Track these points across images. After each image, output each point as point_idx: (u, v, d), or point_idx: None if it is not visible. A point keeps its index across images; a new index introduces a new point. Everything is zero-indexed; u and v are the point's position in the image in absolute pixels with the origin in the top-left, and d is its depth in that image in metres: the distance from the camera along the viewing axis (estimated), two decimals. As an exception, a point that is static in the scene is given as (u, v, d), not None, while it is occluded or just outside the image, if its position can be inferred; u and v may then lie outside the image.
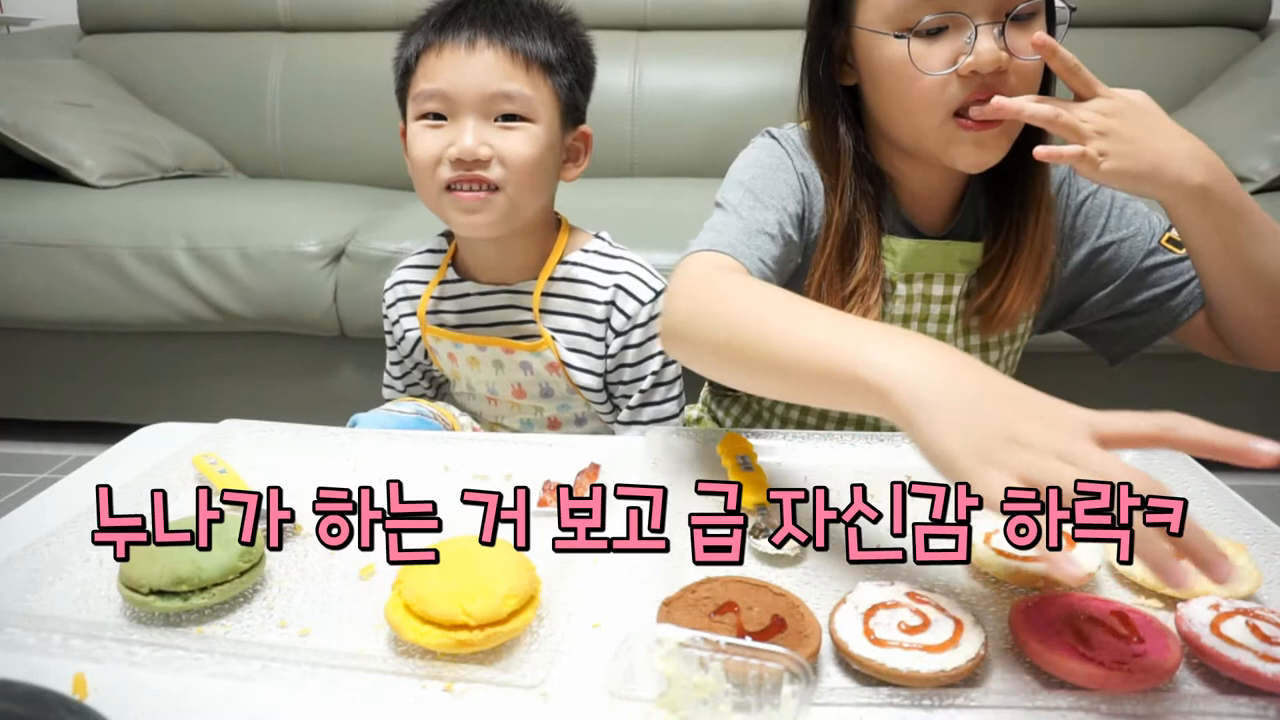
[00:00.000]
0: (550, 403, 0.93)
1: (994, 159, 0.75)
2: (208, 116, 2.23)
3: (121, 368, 1.79)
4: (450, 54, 0.80)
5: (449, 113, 0.81)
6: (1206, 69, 2.05)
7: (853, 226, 0.80)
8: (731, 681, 0.43)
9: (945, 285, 0.84)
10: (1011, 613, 0.50)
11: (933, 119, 0.73)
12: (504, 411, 0.95)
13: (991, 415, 0.47)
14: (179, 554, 0.52)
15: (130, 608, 0.53)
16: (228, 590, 0.53)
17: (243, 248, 1.66)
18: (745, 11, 2.21)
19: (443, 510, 0.65)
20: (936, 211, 0.85)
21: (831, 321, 0.60)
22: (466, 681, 0.47)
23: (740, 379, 0.66)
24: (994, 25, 0.70)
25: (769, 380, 0.63)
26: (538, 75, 0.82)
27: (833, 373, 0.55)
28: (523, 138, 0.82)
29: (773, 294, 0.66)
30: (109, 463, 0.74)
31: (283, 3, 2.28)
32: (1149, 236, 0.86)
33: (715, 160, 2.21)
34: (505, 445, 0.77)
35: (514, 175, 0.82)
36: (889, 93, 0.76)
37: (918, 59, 0.71)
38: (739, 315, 0.64)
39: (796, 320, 0.61)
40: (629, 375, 0.92)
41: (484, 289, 0.92)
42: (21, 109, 1.86)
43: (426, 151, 0.82)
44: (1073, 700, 0.45)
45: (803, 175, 0.83)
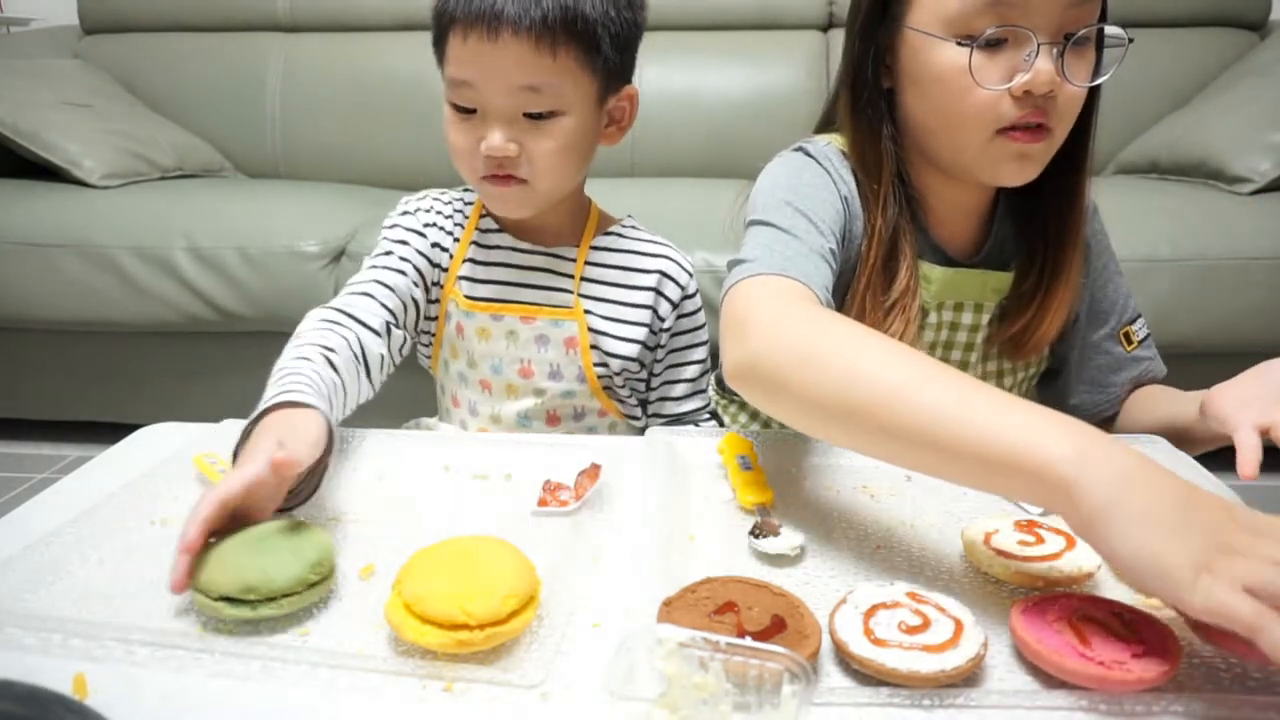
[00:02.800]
0: (555, 387, 0.90)
1: (1036, 172, 0.74)
2: (208, 116, 2.23)
3: (121, 368, 1.79)
4: (475, 44, 0.76)
5: (477, 105, 0.79)
6: (1206, 69, 2.06)
7: (895, 235, 0.78)
8: (731, 681, 0.43)
9: (975, 314, 0.84)
10: (1011, 613, 0.50)
11: (980, 135, 0.71)
12: (499, 401, 0.91)
13: (1204, 525, 0.45)
14: (250, 561, 0.51)
15: (132, 608, 0.53)
16: (296, 602, 0.52)
17: (243, 248, 1.66)
18: (745, 11, 2.21)
19: (443, 510, 0.66)
20: (964, 236, 0.84)
21: (990, 398, 0.53)
22: (466, 681, 0.47)
23: (853, 441, 0.59)
24: (1054, 46, 0.68)
25: (906, 451, 0.56)
26: (569, 58, 0.77)
27: (1007, 461, 0.50)
28: (553, 133, 0.80)
29: (893, 348, 0.59)
30: (109, 463, 0.74)
31: (283, 3, 2.28)
32: (1113, 320, 0.89)
33: (715, 160, 2.23)
34: (505, 445, 0.78)
35: (543, 170, 0.81)
36: (935, 102, 0.73)
37: (975, 70, 0.69)
38: (860, 373, 0.57)
39: (944, 390, 0.54)
40: (684, 342, 0.92)
41: (522, 246, 0.90)
42: (21, 109, 1.86)
43: (460, 143, 0.81)
44: (1073, 700, 0.45)
45: (845, 198, 0.79)
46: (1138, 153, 1.96)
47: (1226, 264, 1.54)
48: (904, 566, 0.59)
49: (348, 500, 0.67)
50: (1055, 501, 0.49)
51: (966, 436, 0.52)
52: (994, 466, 0.51)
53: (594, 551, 0.59)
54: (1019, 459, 0.49)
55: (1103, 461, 0.47)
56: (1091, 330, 0.89)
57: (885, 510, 0.67)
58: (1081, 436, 0.49)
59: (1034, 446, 0.49)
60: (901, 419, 0.54)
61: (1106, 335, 0.89)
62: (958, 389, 0.54)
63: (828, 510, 0.67)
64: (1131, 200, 1.65)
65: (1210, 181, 1.73)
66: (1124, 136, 2.01)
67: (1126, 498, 0.46)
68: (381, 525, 0.63)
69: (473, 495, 0.69)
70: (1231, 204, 1.64)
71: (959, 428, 0.52)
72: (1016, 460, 0.49)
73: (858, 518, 0.65)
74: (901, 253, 0.78)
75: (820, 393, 0.58)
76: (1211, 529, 0.45)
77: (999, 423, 0.51)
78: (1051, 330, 0.83)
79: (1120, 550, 0.46)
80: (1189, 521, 0.45)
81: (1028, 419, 0.51)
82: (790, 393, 0.61)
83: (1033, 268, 0.82)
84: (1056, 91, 0.69)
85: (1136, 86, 2.05)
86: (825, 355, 0.59)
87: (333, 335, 0.77)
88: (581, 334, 0.88)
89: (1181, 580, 0.43)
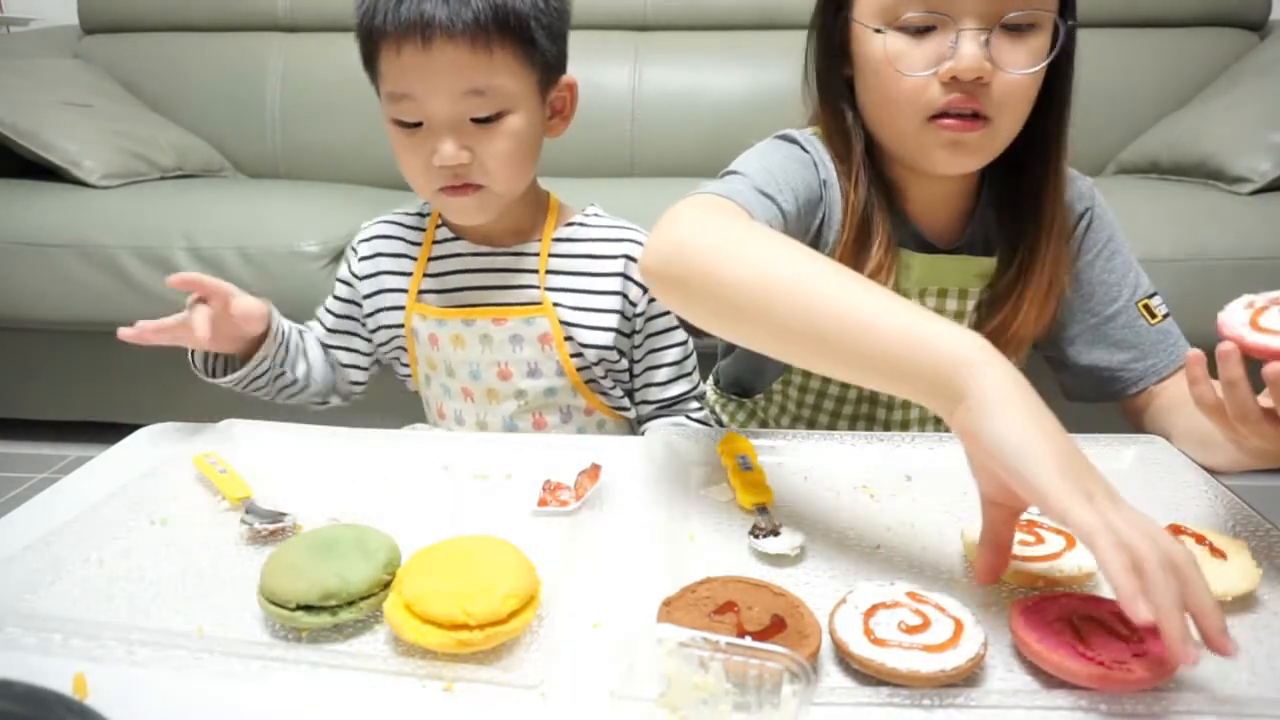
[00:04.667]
0: (536, 385, 0.89)
1: (974, 163, 0.75)
2: (208, 116, 2.23)
3: (121, 368, 1.79)
4: (410, 55, 0.75)
5: (422, 117, 0.78)
6: (1206, 69, 2.05)
7: (869, 213, 0.79)
8: (731, 681, 0.43)
9: (959, 300, 0.84)
10: (1011, 612, 0.50)
11: (910, 121, 0.72)
12: (483, 407, 0.91)
13: (1087, 466, 0.47)
14: (324, 568, 0.51)
15: (132, 608, 0.53)
16: (375, 603, 0.52)
17: (243, 248, 1.66)
18: (745, 11, 2.21)
19: (443, 510, 0.66)
20: (944, 224, 0.84)
21: (896, 298, 0.55)
22: (466, 681, 0.47)
23: (756, 337, 0.61)
24: (981, 32, 0.68)
25: (809, 346, 0.58)
26: (507, 55, 0.76)
27: (916, 348, 0.51)
28: (502, 135, 0.79)
29: (806, 252, 0.61)
30: (109, 463, 0.74)
31: (283, 3, 2.28)
32: (1126, 293, 0.86)
33: (715, 160, 2.19)
34: (505, 445, 0.77)
35: (497, 172, 0.80)
36: (873, 90, 0.76)
37: (898, 58, 0.70)
38: (767, 271, 0.59)
39: (850, 284, 0.57)
40: (661, 325, 0.91)
41: (481, 250, 0.90)
42: (21, 109, 1.86)
43: (411, 161, 0.81)
44: (1073, 700, 0.45)
45: (824, 181, 0.81)
46: (1138, 153, 1.96)
47: (1226, 264, 1.53)
48: (904, 566, 0.59)
49: (348, 500, 0.67)
50: (947, 389, 0.50)
51: (875, 325, 0.54)
52: (899, 355, 0.52)
53: (594, 551, 0.59)
54: (925, 346, 0.51)
55: (1004, 362, 0.50)
56: (1103, 306, 0.86)
57: (885, 510, 0.67)
58: (984, 340, 0.52)
59: (940, 335, 0.52)
60: (804, 313, 0.56)
61: (1122, 308, 0.85)
62: (863, 285, 0.57)
63: (828, 510, 0.67)
64: (1131, 200, 1.64)
65: (1210, 181, 1.73)
66: (1124, 136, 2.01)
67: (1023, 398, 0.49)
68: (382, 525, 0.63)
69: (473, 495, 0.69)
70: (1231, 204, 1.63)
71: (866, 317, 0.54)
72: (923, 346, 0.52)
73: (858, 518, 0.65)
74: (876, 231, 0.79)
75: (729, 289, 0.60)
76: (1094, 474, 0.47)
77: (907, 317, 0.53)
78: (1028, 328, 0.82)
79: (1005, 435, 0.47)
80: (1074, 452, 0.47)
81: (931, 317, 0.53)
82: (700, 286, 0.62)
83: (1014, 256, 0.82)
84: (989, 79, 0.69)
85: (1136, 86, 2.05)
86: (736, 252, 0.61)
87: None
88: (554, 328, 0.88)
89: (1054, 485, 0.45)
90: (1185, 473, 0.72)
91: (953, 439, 0.53)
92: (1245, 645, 0.50)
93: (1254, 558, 0.57)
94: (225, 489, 0.67)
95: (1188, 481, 0.70)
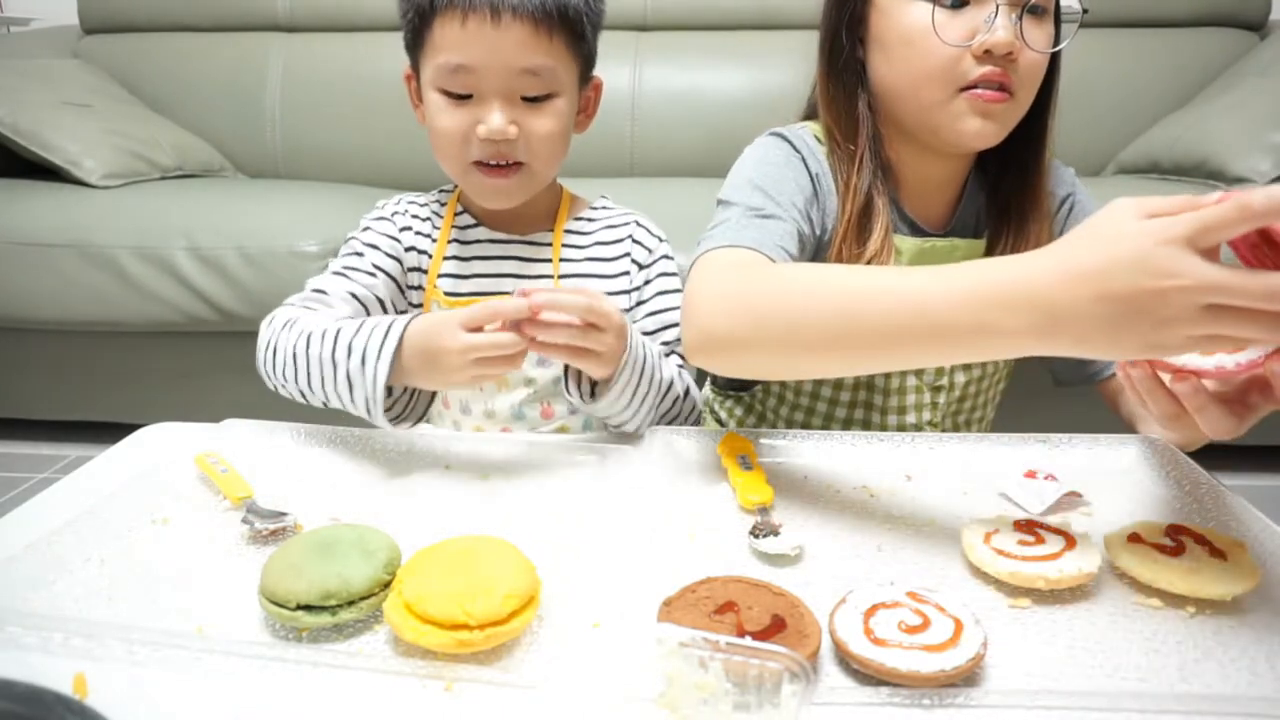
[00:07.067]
0: (545, 373, 0.89)
1: (998, 134, 0.76)
2: (208, 116, 2.23)
3: (121, 368, 1.79)
4: (476, 26, 0.77)
5: (474, 90, 0.80)
6: (1206, 69, 2.05)
7: (871, 196, 0.81)
8: (731, 681, 0.43)
9: None
10: None
11: (943, 92, 0.75)
12: (491, 395, 0.91)
13: (1140, 311, 0.49)
14: (324, 567, 0.51)
15: (133, 608, 0.53)
16: (375, 603, 0.52)
17: (243, 248, 1.66)
18: (745, 11, 2.21)
19: (443, 510, 0.66)
20: (935, 207, 0.86)
21: (941, 269, 0.57)
22: (466, 681, 0.47)
23: (814, 363, 0.65)
24: (1014, 9, 0.72)
25: (863, 350, 0.60)
26: (561, 43, 0.81)
27: (1001, 300, 0.53)
28: (550, 114, 0.82)
29: (825, 268, 0.65)
30: (109, 463, 0.74)
31: (283, 3, 2.28)
32: None
33: (715, 160, 2.21)
34: (506, 445, 0.77)
35: (540, 151, 0.83)
36: (901, 61, 0.77)
37: (942, 27, 0.73)
38: (798, 300, 0.62)
39: (896, 276, 0.59)
40: (660, 304, 0.92)
41: (498, 237, 0.92)
42: (21, 109, 1.86)
43: (453, 128, 0.81)
44: (1073, 700, 0.45)
45: (815, 176, 0.83)
46: (1138, 153, 1.96)
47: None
48: (904, 566, 0.59)
49: (348, 500, 0.67)
50: (1039, 314, 0.51)
51: (950, 300, 0.55)
52: (988, 310, 0.53)
53: (594, 551, 0.59)
54: (1004, 292, 0.53)
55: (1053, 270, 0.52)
56: None
57: (885, 510, 0.67)
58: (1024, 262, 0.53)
59: (1000, 281, 0.53)
60: (858, 321, 0.59)
61: None
62: (901, 273, 0.59)
63: (828, 510, 0.67)
64: (1131, 200, 1.64)
65: (1210, 182, 1.73)
66: (1124, 136, 2.01)
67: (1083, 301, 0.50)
68: (382, 525, 0.63)
69: (473, 495, 0.69)
70: (1231, 204, 1.63)
71: (937, 299, 0.55)
72: (1002, 295, 0.53)
73: (858, 518, 0.65)
74: (876, 213, 0.81)
75: (813, 317, 0.62)
76: (1147, 312, 0.49)
77: (970, 276, 0.55)
78: None
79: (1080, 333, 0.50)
80: (1133, 311, 0.49)
81: (989, 265, 0.55)
82: (750, 349, 0.65)
83: (1002, 238, 0.84)
84: (1017, 55, 0.73)
85: (1136, 86, 2.05)
86: (764, 300, 0.64)
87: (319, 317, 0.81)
88: None
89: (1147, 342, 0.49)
90: (1185, 473, 0.72)
91: (953, 439, 0.53)
92: (1245, 645, 0.50)
93: (1254, 558, 0.57)
94: (226, 488, 0.67)
95: (1188, 481, 0.70)
